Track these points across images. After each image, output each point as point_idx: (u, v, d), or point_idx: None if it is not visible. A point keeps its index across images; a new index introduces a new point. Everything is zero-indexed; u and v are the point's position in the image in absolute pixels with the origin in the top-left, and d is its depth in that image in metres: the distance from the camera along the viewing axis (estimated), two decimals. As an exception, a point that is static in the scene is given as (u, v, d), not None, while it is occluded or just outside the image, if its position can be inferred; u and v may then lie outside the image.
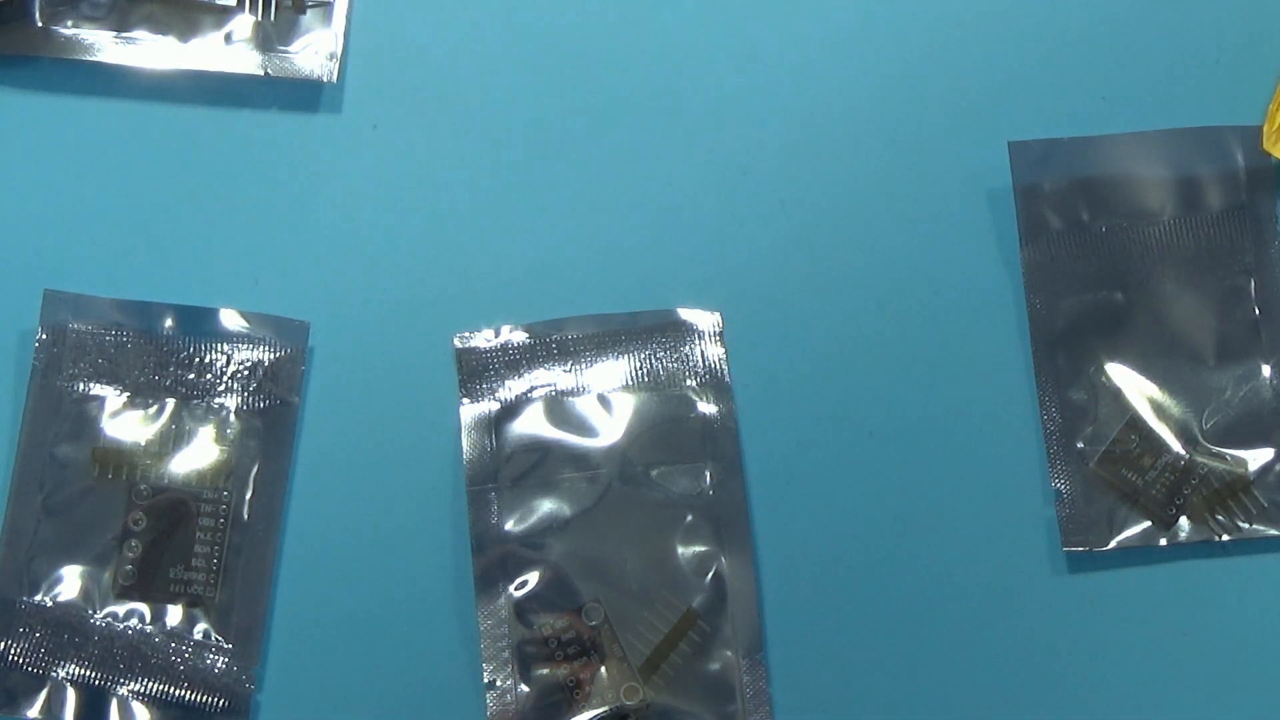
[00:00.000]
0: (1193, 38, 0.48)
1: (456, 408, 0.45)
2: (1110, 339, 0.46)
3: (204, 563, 0.44)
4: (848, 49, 0.48)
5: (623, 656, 0.43)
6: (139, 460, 0.45)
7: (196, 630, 0.44)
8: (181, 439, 0.45)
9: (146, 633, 0.44)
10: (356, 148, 0.47)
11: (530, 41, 0.48)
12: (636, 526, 0.44)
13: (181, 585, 0.44)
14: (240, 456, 0.45)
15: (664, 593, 0.44)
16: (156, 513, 0.44)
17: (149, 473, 0.44)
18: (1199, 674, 0.44)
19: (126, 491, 0.44)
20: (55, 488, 0.44)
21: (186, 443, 0.45)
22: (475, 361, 0.45)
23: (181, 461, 0.45)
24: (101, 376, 0.45)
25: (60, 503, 0.44)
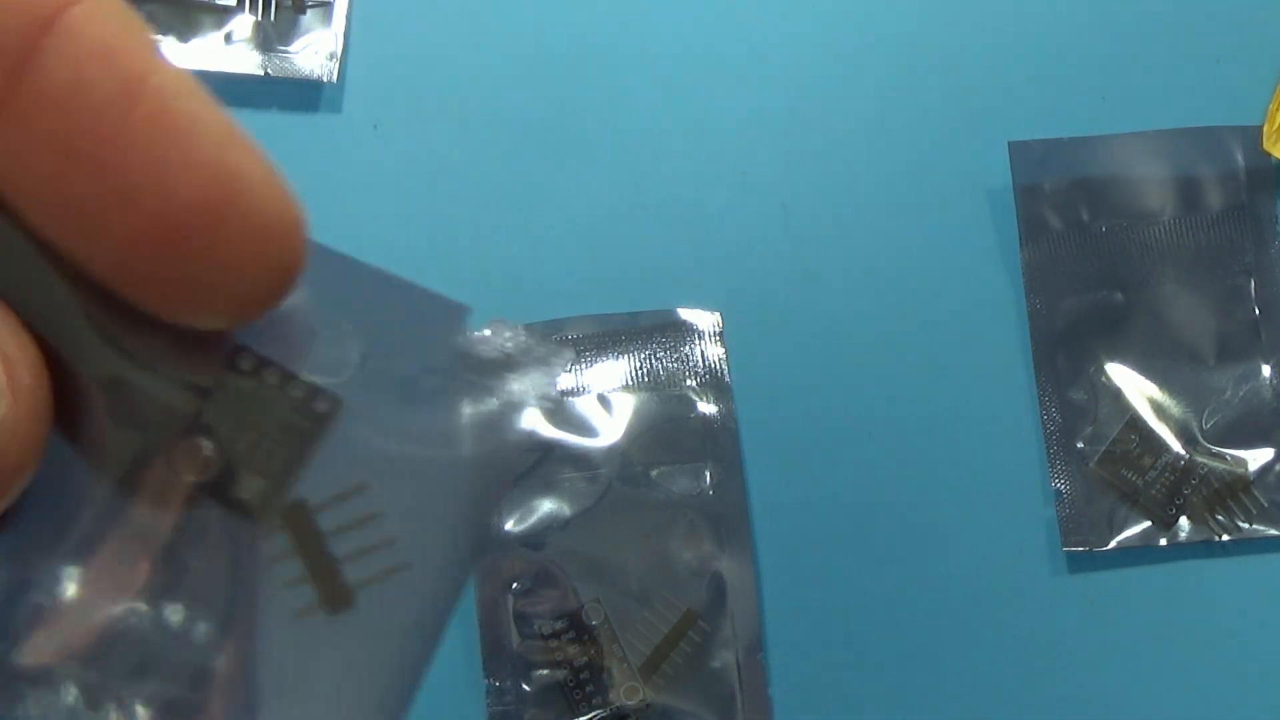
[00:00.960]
0: (1193, 38, 0.48)
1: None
2: (1110, 339, 0.46)
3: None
4: (848, 49, 0.48)
5: (623, 656, 0.43)
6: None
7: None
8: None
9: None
10: (356, 148, 0.47)
11: (530, 41, 0.48)
12: (636, 526, 0.44)
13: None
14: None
15: (664, 593, 0.44)
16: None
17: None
18: (1199, 674, 0.44)
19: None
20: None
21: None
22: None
23: (181, 461, 0.45)
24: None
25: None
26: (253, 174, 0.16)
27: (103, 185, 0.16)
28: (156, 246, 0.16)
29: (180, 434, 0.17)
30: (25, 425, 0.15)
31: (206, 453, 0.17)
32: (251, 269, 0.16)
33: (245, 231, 0.16)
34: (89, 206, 0.16)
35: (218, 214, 0.16)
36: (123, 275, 0.16)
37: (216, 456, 0.17)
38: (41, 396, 0.16)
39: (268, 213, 0.16)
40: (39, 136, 0.16)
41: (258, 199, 0.16)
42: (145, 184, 0.16)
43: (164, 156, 0.16)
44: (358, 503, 0.17)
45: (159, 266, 0.16)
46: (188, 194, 0.16)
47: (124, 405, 0.17)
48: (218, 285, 0.16)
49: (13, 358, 0.15)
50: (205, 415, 0.17)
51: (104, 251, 0.16)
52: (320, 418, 0.17)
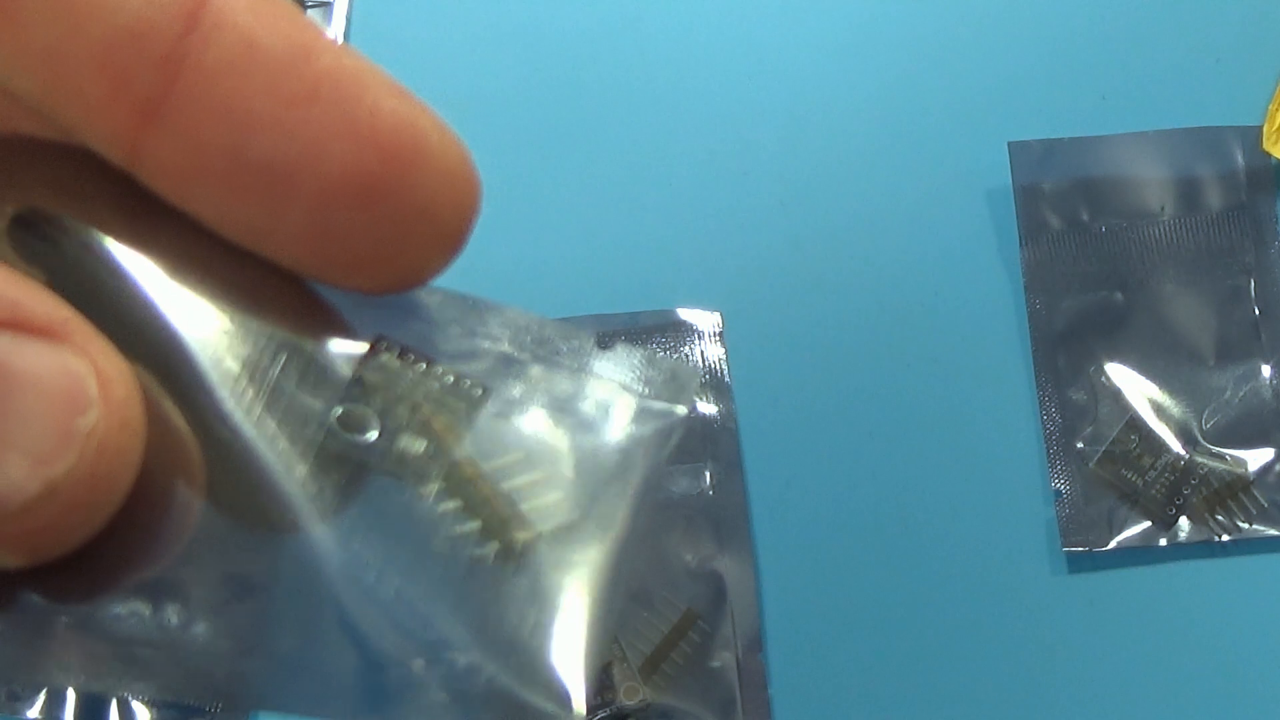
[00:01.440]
0: (1193, 38, 0.48)
1: (456, 408, 0.45)
2: (1110, 339, 0.46)
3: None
4: (848, 49, 0.48)
5: (623, 656, 0.43)
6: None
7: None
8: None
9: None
10: (356, 148, 0.47)
11: (530, 41, 0.48)
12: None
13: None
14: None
15: (664, 593, 0.44)
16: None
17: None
18: (1199, 674, 0.44)
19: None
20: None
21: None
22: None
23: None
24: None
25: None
26: (429, 121, 0.16)
27: (291, 145, 0.15)
28: (351, 200, 0.16)
29: (338, 399, 0.17)
30: (116, 437, 0.15)
31: (366, 415, 0.17)
32: (439, 215, 0.16)
33: (431, 177, 0.16)
34: (277, 170, 0.15)
35: (408, 161, 0.16)
36: (310, 241, 0.16)
37: (376, 419, 0.17)
38: (134, 410, 0.15)
39: (449, 157, 0.16)
40: (215, 107, 0.15)
41: (439, 144, 0.16)
42: (335, 137, 0.15)
43: (350, 109, 0.16)
44: (523, 464, 0.17)
45: (352, 222, 0.16)
46: (379, 142, 0.16)
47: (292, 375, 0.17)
48: (410, 236, 0.16)
49: (105, 372, 0.15)
50: (355, 389, 0.17)
51: (293, 218, 0.16)
52: (473, 401, 0.17)
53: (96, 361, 0.15)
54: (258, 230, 0.16)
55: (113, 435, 0.15)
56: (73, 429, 0.15)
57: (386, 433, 0.17)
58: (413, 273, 0.17)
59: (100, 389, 0.15)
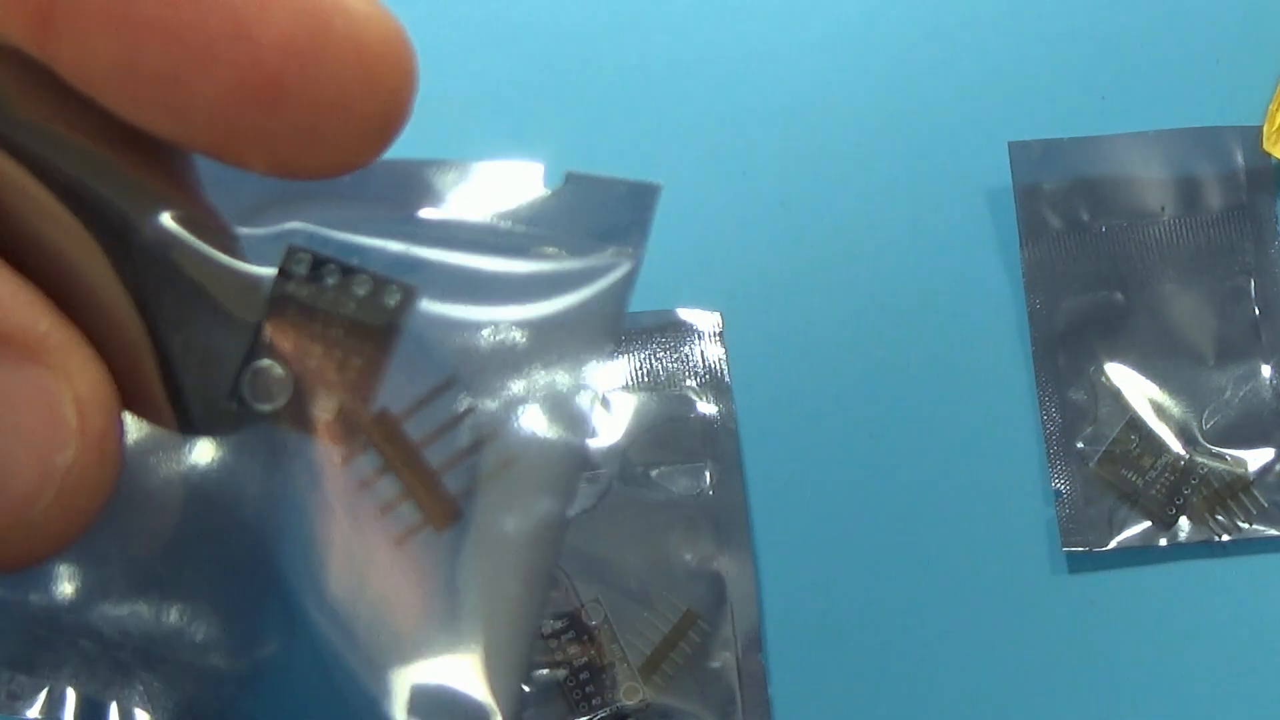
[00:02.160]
0: (1193, 38, 0.48)
1: (456, 408, 0.45)
2: (1110, 339, 0.46)
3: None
4: (848, 49, 0.48)
5: (623, 656, 0.43)
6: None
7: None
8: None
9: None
10: (356, 148, 0.47)
11: (529, 41, 0.48)
12: (636, 526, 0.44)
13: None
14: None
15: (664, 593, 0.44)
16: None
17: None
18: (1199, 674, 0.44)
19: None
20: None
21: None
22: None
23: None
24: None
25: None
26: (337, 2, 0.15)
27: (180, 51, 0.14)
28: (250, 102, 0.15)
29: (243, 360, 0.15)
30: (94, 473, 0.15)
31: (275, 376, 0.16)
32: (357, 104, 0.15)
33: (342, 64, 0.15)
34: (171, 77, 0.14)
35: (309, 52, 0.15)
36: (220, 140, 0.15)
37: (286, 379, 0.16)
38: (112, 441, 0.15)
39: (364, 38, 0.15)
40: (99, 14, 0.14)
41: (348, 26, 0.15)
42: (224, 38, 0.14)
43: (239, 4, 0.14)
44: (448, 401, 0.16)
45: (257, 123, 0.15)
46: (272, 37, 0.14)
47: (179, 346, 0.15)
48: (325, 129, 0.15)
49: (85, 399, 0.15)
50: (266, 334, 0.15)
51: (197, 121, 0.15)
52: (391, 313, 0.15)
53: (76, 386, 0.15)
54: (166, 129, 0.15)
55: (90, 470, 0.15)
56: (51, 466, 0.14)
57: (297, 395, 0.15)
58: (338, 164, 0.16)
59: (79, 420, 0.14)
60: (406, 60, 0.15)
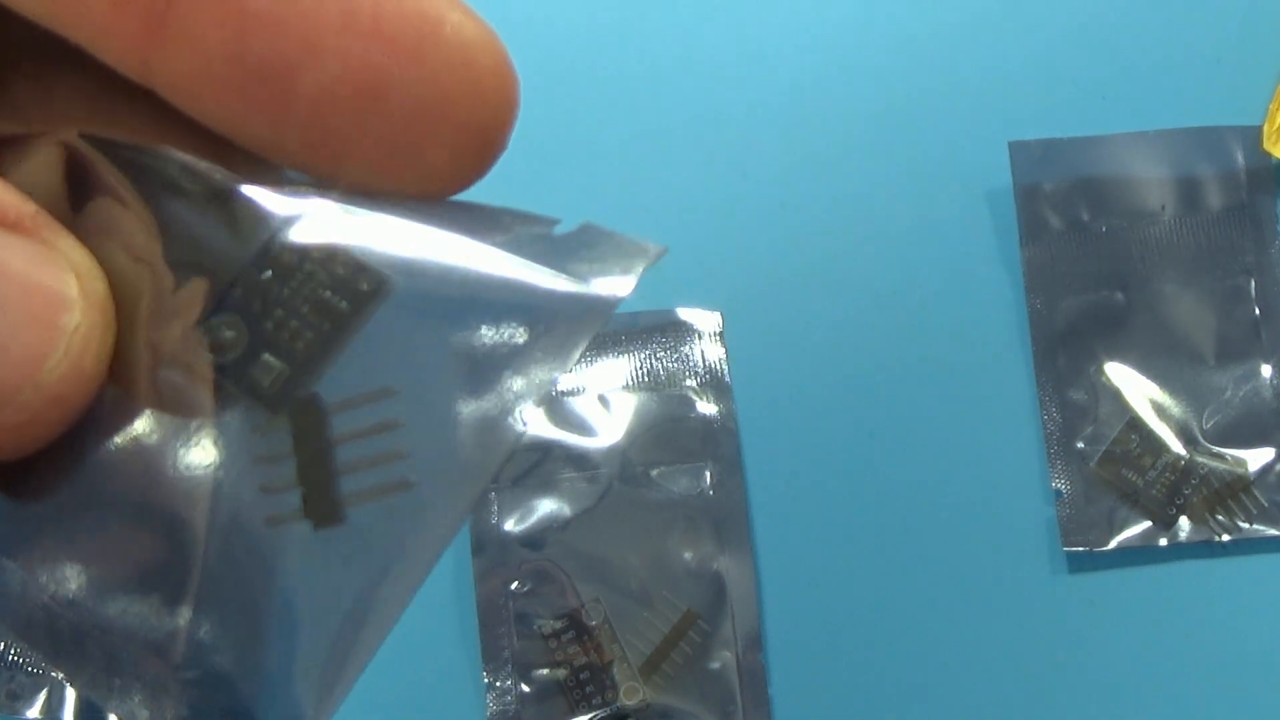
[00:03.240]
0: (1193, 38, 0.48)
1: (456, 408, 0.45)
2: (1110, 339, 0.46)
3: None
4: (848, 49, 0.48)
5: (623, 656, 0.43)
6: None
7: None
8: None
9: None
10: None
11: (529, 41, 0.48)
12: (636, 526, 0.44)
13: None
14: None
15: (664, 593, 0.44)
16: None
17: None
18: (1199, 674, 0.44)
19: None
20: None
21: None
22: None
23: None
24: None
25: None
26: (447, 7, 0.15)
27: (288, 42, 0.14)
28: (353, 97, 0.14)
29: (206, 309, 0.15)
30: (99, 334, 0.15)
31: (228, 332, 0.15)
32: (460, 113, 0.15)
33: (448, 67, 0.15)
34: (277, 70, 0.14)
35: (416, 51, 0.14)
36: (317, 143, 0.15)
37: (239, 335, 0.15)
38: (110, 306, 0.15)
39: (470, 46, 0.15)
40: (213, 10, 0.14)
41: (456, 32, 0.15)
42: (333, 30, 0.14)
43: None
44: (380, 408, 0.15)
45: (356, 121, 0.15)
46: (381, 33, 0.14)
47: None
48: (424, 136, 0.15)
49: (81, 267, 0.15)
50: (238, 289, 0.15)
51: (297, 119, 0.15)
52: (360, 298, 0.15)
53: (71, 257, 0.15)
54: (266, 134, 0.15)
55: (95, 331, 0.15)
56: (57, 327, 0.14)
57: (246, 354, 0.15)
58: (432, 181, 0.15)
59: (79, 284, 0.15)
60: (511, 82, 0.15)
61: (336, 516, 0.15)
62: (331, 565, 0.15)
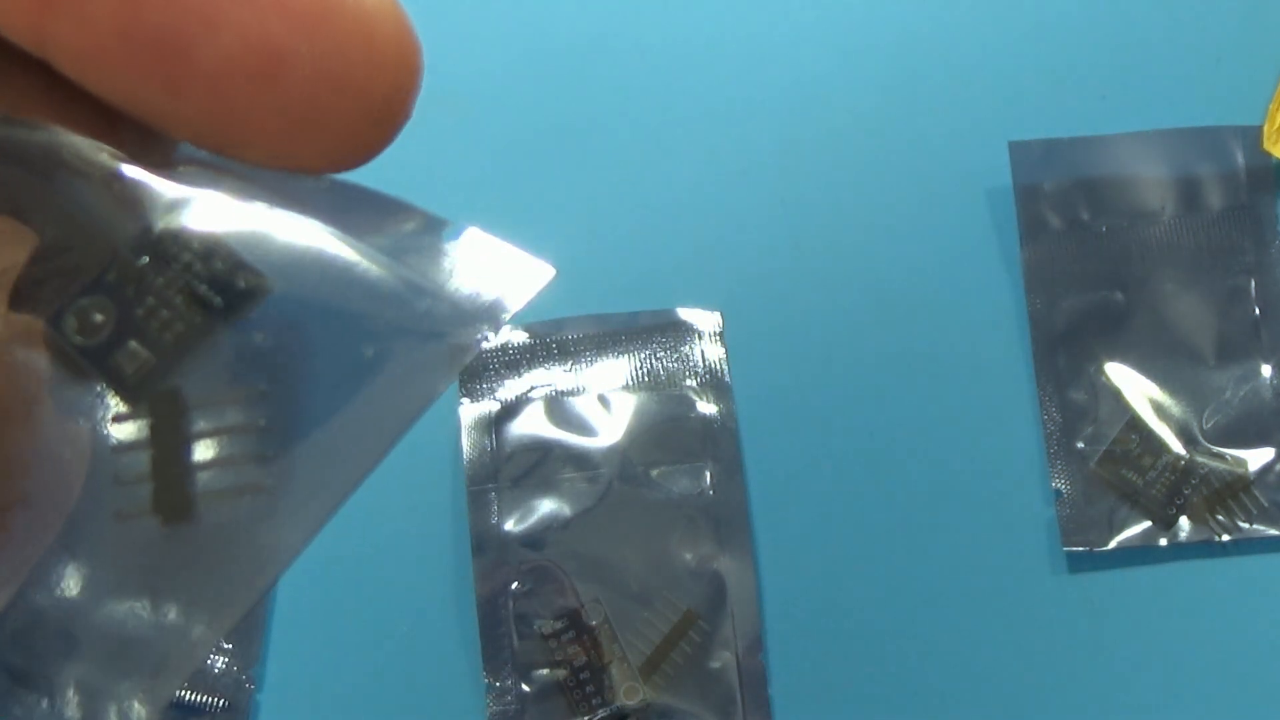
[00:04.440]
0: (1193, 38, 0.48)
1: (456, 408, 0.45)
2: (1110, 339, 0.46)
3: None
4: (848, 49, 0.48)
5: (623, 656, 0.43)
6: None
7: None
8: (181, 439, 0.45)
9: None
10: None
11: (530, 42, 0.48)
12: (636, 526, 0.44)
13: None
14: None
15: (664, 593, 0.44)
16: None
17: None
18: (1199, 674, 0.44)
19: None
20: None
21: (186, 442, 0.45)
22: (475, 361, 0.45)
23: (181, 461, 0.45)
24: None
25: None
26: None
27: (183, 13, 0.14)
28: (251, 72, 0.14)
29: (78, 290, 0.15)
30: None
31: (97, 315, 0.15)
32: (362, 84, 0.14)
33: (350, 39, 0.14)
34: (172, 43, 0.14)
35: (317, 21, 0.14)
36: (215, 119, 0.14)
37: (107, 320, 0.15)
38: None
39: (372, 15, 0.14)
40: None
41: (356, 3, 0.14)
42: (231, 3, 0.14)
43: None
44: (244, 409, 0.15)
45: (255, 97, 0.14)
46: (282, 3, 0.14)
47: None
48: (325, 110, 0.14)
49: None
50: (111, 273, 0.15)
51: (194, 95, 0.14)
52: (236, 296, 0.15)
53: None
54: (161, 110, 0.15)
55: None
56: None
57: (112, 339, 0.15)
58: (334, 154, 0.15)
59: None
60: (412, 50, 0.15)
61: (186, 514, 0.15)
62: (175, 563, 0.15)
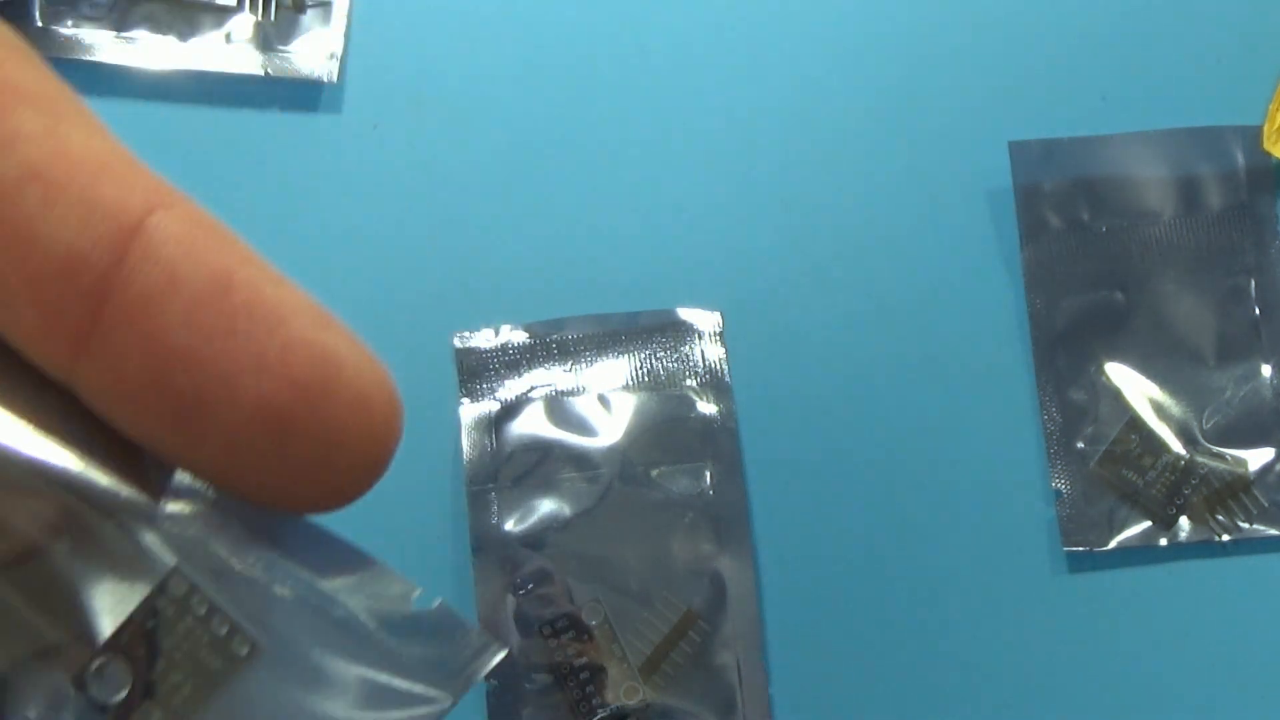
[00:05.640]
0: (1193, 38, 0.48)
1: (456, 408, 0.45)
2: (1110, 339, 0.46)
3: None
4: (848, 49, 0.48)
5: (623, 656, 0.43)
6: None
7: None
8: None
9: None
10: (356, 148, 0.47)
11: (530, 41, 0.48)
12: (636, 526, 0.44)
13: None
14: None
15: (664, 593, 0.44)
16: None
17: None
18: (1199, 674, 0.44)
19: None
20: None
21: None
22: (475, 361, 0.45)
23: (181, 461, 0.45)
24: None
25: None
26: (348, 351, 0.17)
27: (206, 378, 0.16)
28: (263, 432, 0.16)
29: (95, 649, 0.16)
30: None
31: (119, 675, 0.17)
32: (354, 445, 0.17)
33: (347, 407, 0.16)
34: (193, 402, 0.16)
35: (321, 393, 0.16)
36: (227, 467, 0.16)
37: (123, 679, 0.17)
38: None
39: (366, 387, 0.17)
40: (137, 340, 0.16)
41: (355, 374, 0.17)
42: (247, 371, 0.16)
43: (263, 343, 0.16)
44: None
45: (265, 452, 0.16)
46: (290, 376, 0.16)
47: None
48: (323, 464, 0.17)
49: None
50: (125, 634, 0.17)
51: (210, 446, 0.16)
52: (235, 661, 0.17)
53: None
54: (178, 452, 0.16)
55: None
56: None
57: (130, 697, 0.16)
58: (330, 498, 0.17)
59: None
60: (398, 414, 0.17)
61: None
62: None
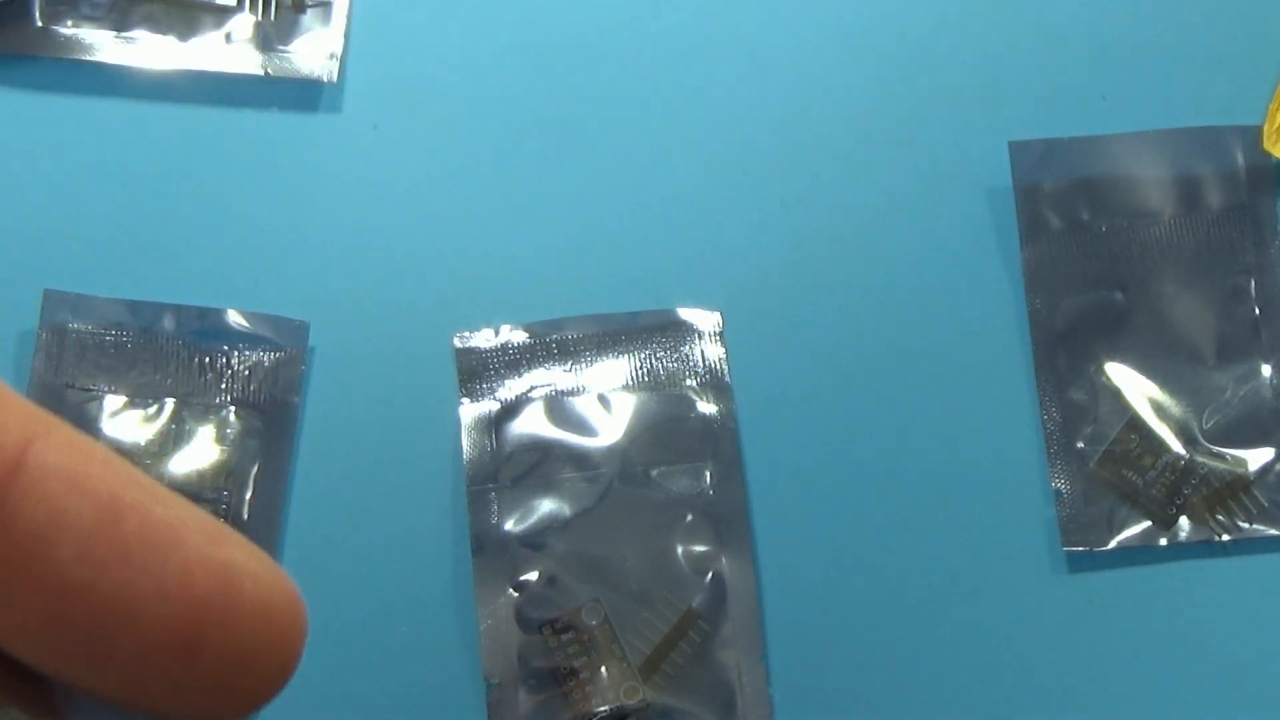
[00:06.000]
0: (1193, 38, 0.48)
1: (456, 408, 0.45)
2: (1110, 339, 0.46)
3: (204, 563, 0.44)
4: (848, 48, 0.48)
5: (623, 656, 0.43)
6: (139, 460, 0.45)
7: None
8: (181, 439, 0.45)
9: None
10: (356, 148, 0.47)
11: (530, 41, 0.48)
12: (636, 526, 0.44)
13: (181, 586, 0.44)
14: (240, 457, 0.45)
15: (664, 593, 0.44)
16: (156, 513, 0.44)
17: (149, 473, 0.44)
18: (1199, 674, 0.44)
19: (126, 492, 0.44)
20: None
21: (186, 443, 0.45)
22: (475, 361, 0.45)
23: (181, 462, 0.45)
24: (101, 376, 0.45)
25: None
26: (245, 561, 0.17)
27: (106, 611, 0.16)
28: (169, 655, 0.16)
29: None
30: None
31: None
32: (262, 653, 0.17)
33: (251, 619, 0.16)
34: (96, 635, 0.16)
35: (224, 609, 0.16)
36: (135, 690, 0.16)
37: None
38: None
39: (267, 595, 0.17)
40: (29, 582, 0.15)
41: (255, 585, 0.17)
42: (147, 598, 0.16)
43: (160, 568, 0.16)
44: None
45: (172, 674, 0.16)
46: (192, 597, 0.16)
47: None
48: (231, 678, 0.17)
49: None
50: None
51: (115, 674, 0.16)
52: None
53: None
54: (84, 682, 0.16)
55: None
56: None
57: None
58: (239, 708, 0.17)
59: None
60: (302, 616, 0.17)
61: None
62: None
